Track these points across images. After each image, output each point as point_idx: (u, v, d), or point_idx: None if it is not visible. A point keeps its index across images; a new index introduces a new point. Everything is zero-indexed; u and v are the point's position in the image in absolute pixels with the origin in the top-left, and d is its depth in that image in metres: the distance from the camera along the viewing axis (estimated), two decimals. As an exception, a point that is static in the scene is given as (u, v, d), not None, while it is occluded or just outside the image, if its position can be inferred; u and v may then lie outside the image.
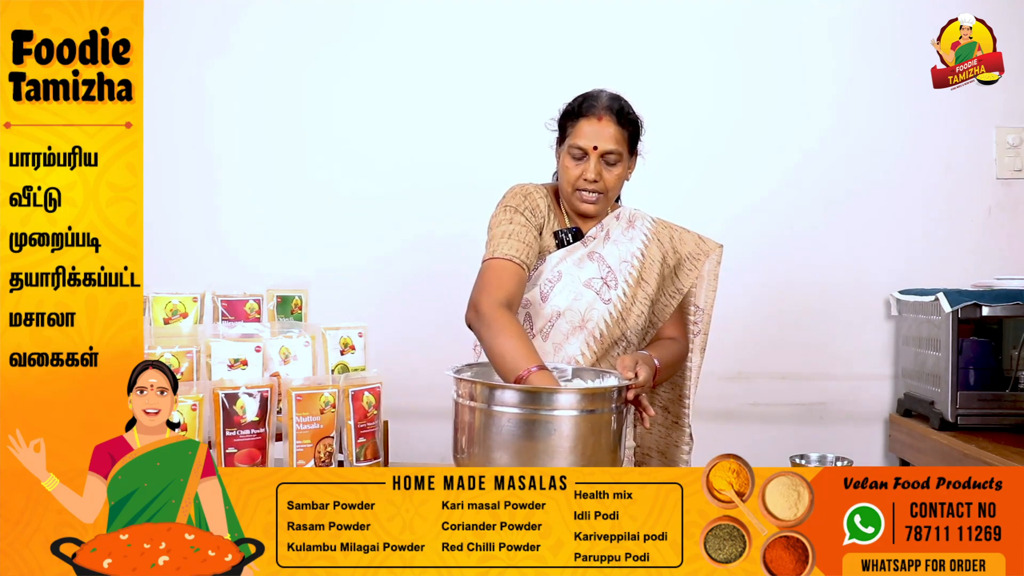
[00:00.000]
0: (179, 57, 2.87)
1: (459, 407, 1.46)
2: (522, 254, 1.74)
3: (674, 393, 1.92)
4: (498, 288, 1.69)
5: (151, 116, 2.96)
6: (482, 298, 1.68)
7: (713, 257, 1.85)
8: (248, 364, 1.55)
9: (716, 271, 1.86)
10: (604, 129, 1.76)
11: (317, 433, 1.55)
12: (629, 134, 1.80)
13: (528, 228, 1.78)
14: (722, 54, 2.84)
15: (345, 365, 1.70)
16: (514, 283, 1.71)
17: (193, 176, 2.88)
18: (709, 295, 1.87)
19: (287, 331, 1.64)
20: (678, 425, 1.89)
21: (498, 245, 1.75)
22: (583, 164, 1.77)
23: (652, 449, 1.94)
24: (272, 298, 1.72)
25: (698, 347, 1.88)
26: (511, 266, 1.72)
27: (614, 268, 1.80)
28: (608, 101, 1.79)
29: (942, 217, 2.81)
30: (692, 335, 1.89)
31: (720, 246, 1.86)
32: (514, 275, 1.72)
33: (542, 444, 1.36)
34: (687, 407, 1.87)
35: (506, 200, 1.83)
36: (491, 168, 2.43)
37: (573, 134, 1.79)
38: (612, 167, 1.78)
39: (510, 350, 1.57)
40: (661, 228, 1.87)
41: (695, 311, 1.89)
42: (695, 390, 1.88)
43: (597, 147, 1.75)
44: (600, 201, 1.80)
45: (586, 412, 1.39)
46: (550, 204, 1.86)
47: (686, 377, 1.88)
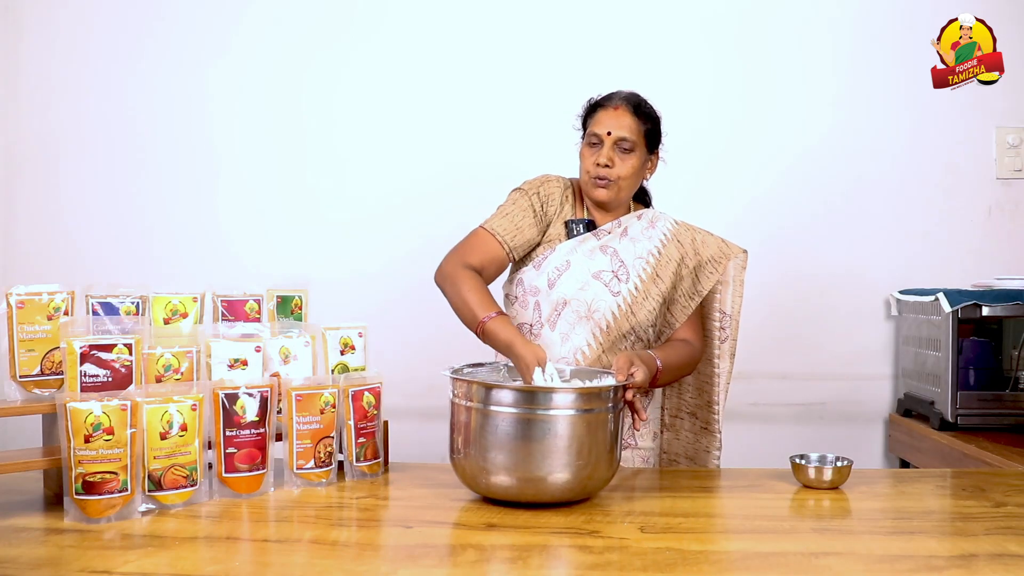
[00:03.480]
0: (179, 57, 2.88)
1: (455, 407, 1.45)
2: (508, 234, 1.78)
3: (702, 399, 1.91)
4: (467, 253, 1.76)
5: (151, 116, 2.99)
6: (449, 258, 1.77)
7: (737, 262, 1.84)
8: (248, 364, 1.54)
9: (741, 276, 1.85)
10: (619, 118, 1.80)
11: (317, 433, 1.55)
12: (646, 129, 1.82)
13: (527, 213, 1.81)
14: (722, 54, 2.84)
15: (345, 365, 1.70)
16: (487, 254, 1.77)
17: (193, 176, 2.88)
18: (736, 300, 1.86)
19: (287, 331, 1.64)
20: (707, 431, 1.89)
21: (491, 219, 1.82)
22: (598, 150, 1.81)
23: (680, 455, 1.94)
24: (272, 298, 1.71)
25: (727, 353, 1.87)
26: (490, 239, 1.78)
27: (627, 263, 1.80)
28: (626, 95, 1.84)
29: (942, 217, 2.81)
30: (719, 341, 1.87)
31: (744, 251, 1.85)
32: (490, 247, 1.77)
33: (537, 444, 1.36)
34: (716, 412, 1.86)
35: (524, 183, 1.87)
36: (491, 168, 2.43)
37: (591, 124, 1.83)
38: (626, 155, 1.80)
39: (470, 300, 1.67)
40: (683, 230, 1.87)
41: (721, 317, 1.87)
42: (725, 396, 1.87)
43: (611, 132, 1.79)
44: (612, 188, 1.81)
45: (582, 412, 1.39)
46: (569, 195, 1.88)
47: (714, 383, 1.87)
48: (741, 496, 1.54)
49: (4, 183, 2.89)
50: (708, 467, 1.87)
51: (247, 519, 1.35)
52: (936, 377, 2.47)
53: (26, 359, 1.42)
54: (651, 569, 1.12)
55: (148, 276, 1.71)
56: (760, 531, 1.30)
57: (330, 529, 1.30)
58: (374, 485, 1.57)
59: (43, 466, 1.37)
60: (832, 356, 2.82)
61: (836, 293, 2.82)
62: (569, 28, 2.83)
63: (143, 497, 1.36)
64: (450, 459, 1.47)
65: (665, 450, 1.94)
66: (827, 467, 1.58)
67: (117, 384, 1.41)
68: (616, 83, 1.90)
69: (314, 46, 2.87)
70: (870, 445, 2.82)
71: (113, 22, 2.88)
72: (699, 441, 1.90)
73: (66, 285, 1.48)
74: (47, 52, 2.89)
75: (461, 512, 1.39)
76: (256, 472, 1.48)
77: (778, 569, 1.13)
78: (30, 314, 1.43)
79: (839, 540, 1.26)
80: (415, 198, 2.83)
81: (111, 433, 1.30)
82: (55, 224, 2.89)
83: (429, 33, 2.85)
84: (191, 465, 1.40)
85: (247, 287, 1.70)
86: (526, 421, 1.36)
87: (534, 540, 1.24)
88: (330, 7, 2.86)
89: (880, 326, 2.83)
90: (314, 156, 2.88)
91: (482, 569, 1.13)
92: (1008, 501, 1.49)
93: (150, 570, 1.11)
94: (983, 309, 2.37)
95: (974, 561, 1.17)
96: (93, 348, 1.40)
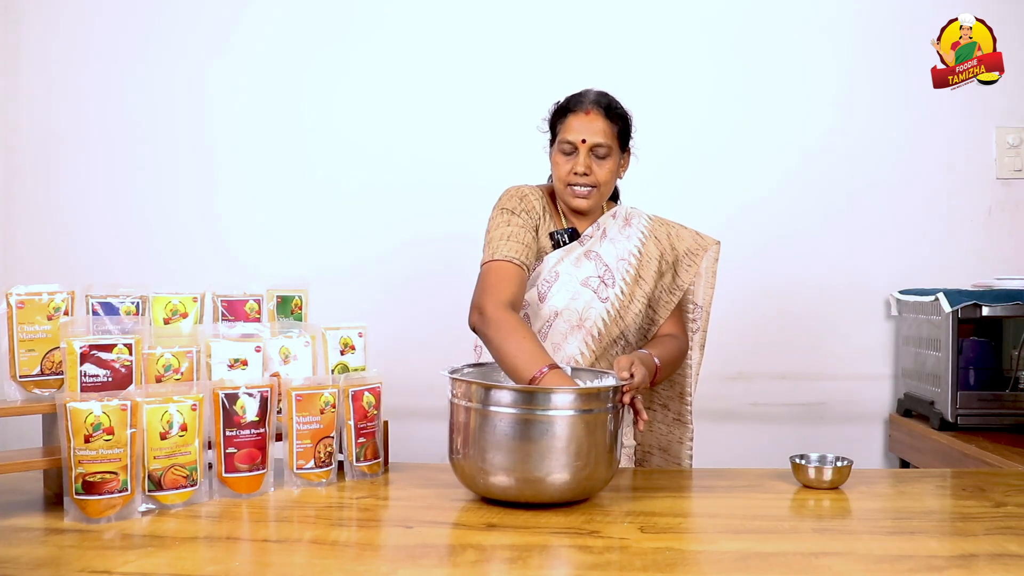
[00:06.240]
0: (179, 57, 2.88)
1: (454, 407, 1.45)
2: (521, 255, 1.74)
3: (674, 391, 1.92)
4: (501, 290, 1.69)
5: (152, 116, 2.99)
6: (485, 300, 1.68)
7: (711, 254, 1.86)
8: (248, 364, 1.54)
9: (714, 268, 1.86)
10: (592, 123, 1.76)
11: (317, 433, 1.55)
12: (618, 129, 1.80)
13: (526, 229, 1.79)
14: (722, 54, 2.84)
15: (345, 365, 1.70)
16: (516, 284, 1.71)
17: (193, 176, 2.88)
18: (707, 292, 1.88)
19: (287, 331, 1.63)
20: (680, 422, 1.90)
21: (497, 247, 1.75)
22: (573, 159, 1.78)
23: (653, 447, 1.94)
24: (272, 298, 1.71)
25: (697, 344, 1.89)
26: (511, 267, 1.73)
27: (611, 266, 1.80)
28: (596, 96, 1.80)
29: (942, 217, 2.81)
30: (691, 332, 1.89)
31: (717, 242, 1.87)
32: (515, 276, 1.72)
33: (536, 444, 1.36)
34: (688, 403, 1.88)
35: (502, 203, 1.83)
36: (490, 167, 2.43)
37: (562, 130, 1.79)
38: (602, 160, 1.78)
39: (522, 351, 1.56)
40: (658, 225, 1.88)
41: (694, 308, 1.89)
42: (695, 387, 1.89)
43: (586, 140, 1.76)
44: (592, 196, 1.80)
45: (581, 412, 1.39)
46: (545, 205, 1.86)
47: (687, 375, 1.89)
48: (741, 496, 1.54)
49: (4, 183, 2.89)
50: (682, 458, 1.88)
51: (247, 519, 1.35)
52: (936, 377, 2.47)
53: (26, 359, 1.42)
54: (651, 569, 1.12)
55: (148, 276, 1.71)
56: (760, 531, 1.30)
57: (330, 529, 1.30)
58: (374, 485, 1.57)
59: (43, 466, 1.37)
60: (832, 356, 2.82)
61: (836, 293, 2.82)
62: (568, 29, 2.83)
63: (143, 497, 1.36)
64: (449, 459, 1.47)
65: (639, 442, 1.95)
66: (827, 467, 1.58)
67: (117, 384, 1.41)
68: (616, 84, 1.89)
69: (314, 46, 2.87)
70: (870, 445, 2.82)
71: (113, 22, 2.88)
72: (672, 432, 1.91)
73: (66, 285, 1.48)
74: (47, 52, 2.89)
75: (461, 512, 1.39)
76: (256, 472, 1.48)
77: (778, 569, 1.13)
78: (30, 314, 1.43)
79: (839, 540, 1.26)
80: (416, 198, 2.83)
81: (111, 433, 1.30)
82: (55, 224, 2.89)
83: (428, 33, 2.85)
84: (191, 465, 1.40)
85: (247, 287, 1.70)
86: (525, 421, 1.36)
87: (534, 540, 1.24)
88: (330, 7, 2.86)
89: (880, 326, 2.83)
90: (314, 156, 2.88)
91: (482, 569, 1.13)
92: (1008, 501, 1.49)
93: (150, 570, 1.11)
94: (983, 309, 2.37)
95: (974, 561, 1.17)
96: (93, 348, 1.40)
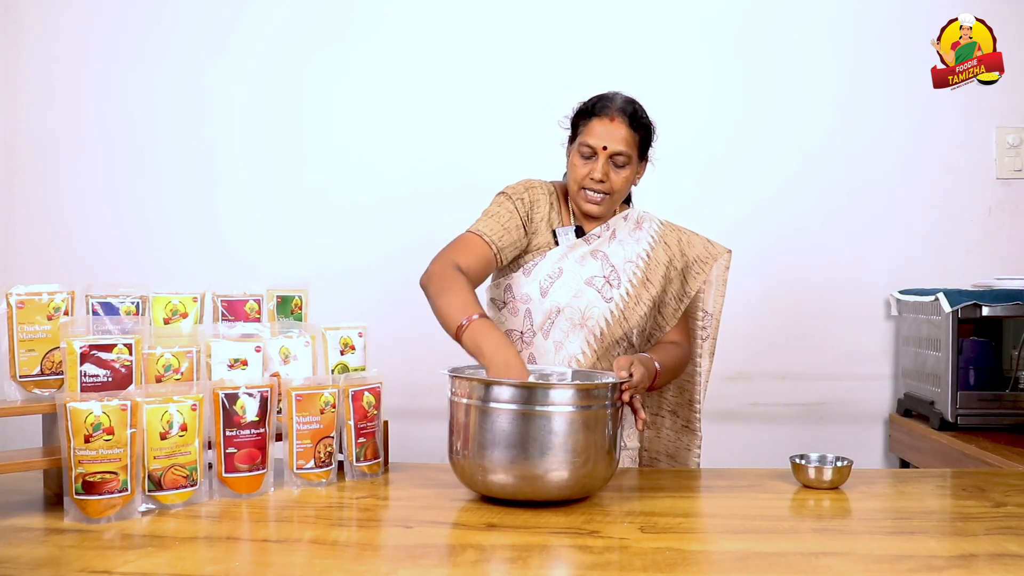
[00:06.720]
0: (179, 57, 2.88)
1: (454, 405, 1.45)
2: (495, 235, 1.74)
3: (683, 397, 1.92)
4: (456, 254, 1.69)
5: (151, 116, 2.99)
6: (436, 260, 1.69)
7: (721, 262, 1.84)
8: (248, 364, 1.54)
9: (725, 276, 1.85)
10: (616, 130, 1.74)
11: (317, 433, 1.55)
12: (640, 138, 1.78)
13: (513, 216, 1.78)
14: (722, 55, 2.84)
15: (345, 365, 1.70)
16: (474, 255, 1.71)
17: (193, 176, 2.88)
18: (718, 300, 1.86)
19: (287, 331, 1.63)
20: (688, 429, 1.89)
21: (476, 222, 1.77)
22: (591, 163, 1.76)
23: (661, 453, 1.94)
24: (272, 298, 1.71)
25: (707, 352, 1.88)
26: (477, 240, 1.73)
27: (618, 267, 1.80)
28: (622, 103, 1.77)
29: (942, 217, 2.81)
30: (700, 340, 1.88)
31: (729, 251, 1.85)
32: (477, 248, 1.72)
33: (535, 440, 1.36)
34: (697, 411, 1.87)
35: (507, 188, 1.83)
36: (490, 168, 2.42)
37: (584, 132, 1.77)
38: (620, 169, 1.77)
39: (453, 303, 1.56)
40: (669, 231, 1.86)
41: (703, 316, 1.88)
42: (704, 394, 1.88)
43: (607, 147, 1.74)
44: (605, 202, 1.79)
45: (580, 408, 1.39)
46: (554, 201, 1.85)
47: (695, 382, 1.88)
48: (741, 496, 1.54)
49: (4, 183, 2.90)
50: (689, 465, 1.87)
51: (247, 519, 1.35)
52: (936, 377, 2.47)
53: (26, 359, 1.42)
54: (651, 569, 1.12)
55: (148, 276, 1.71)
56: (760, 531, 1.30)
57: (330, 529, 1.30)
58: (374, 485, 1.57)
59: (43, 466, 1.37)
60: (832, 356, 2.82)
61: (836, 293, 2.82)
62: (568, 29, 2.83)
63: (143, 497, 1.35)
64: (449, 458, 1.47)
65: (646, 448, 1.94)
66: (827, 467, 1.58)
67: (117, 384, 1.41)
68: (616, 84, 1.88)
69: (314, 46, 2.87)
70: (870, 445, 2.82)
71: (113, 22, 2.88)
72: (680, 439, 1.91)
73: (66, 285, 1.48)
74: (47, 52, 2.89)
75: (461, 512, 1.39)
76: (256, 472, 1.48)
77: (778, 569, 1.13)
78: (30, 314, 1.43)
79: (839, 540, 1.26)
80: (416, 198, 2.83)
81: (111, 433, 1.30)
82: (55, 224, 2.89)
83: (428, 34, 2.85)
84: (191, 465, 1.40)
85: (247, 287, 1.70)
86: (523, 417, 1.36)
87: (534, 540, 1.24)
88: (330, 8, 2.87)
89: (880, 326, 2.83)
90: (314, 156, 2.88)
91: (482, 569, 1.13)
92: (1008, 501, 1.49)
93: (150, 570, 1.10)
94: (983, 309, 2.37)
95: (974, 561, 1.17)
96: (93, 348, 1.40)
